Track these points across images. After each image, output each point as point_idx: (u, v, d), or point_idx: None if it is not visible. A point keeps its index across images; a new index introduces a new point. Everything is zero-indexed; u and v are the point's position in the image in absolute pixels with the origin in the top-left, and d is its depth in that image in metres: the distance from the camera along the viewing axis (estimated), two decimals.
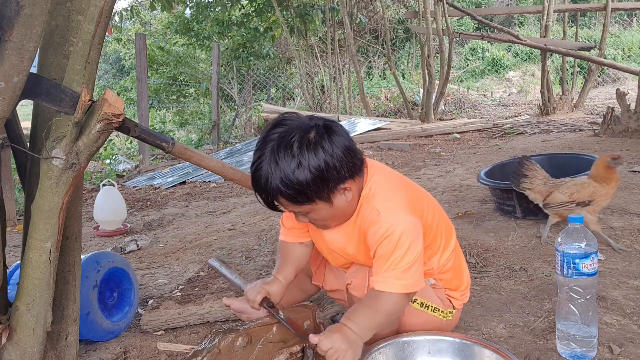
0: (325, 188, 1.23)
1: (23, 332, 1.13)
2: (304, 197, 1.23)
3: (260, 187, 1.25)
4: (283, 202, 1.27)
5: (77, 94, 1.07)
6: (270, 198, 1.26)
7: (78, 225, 1.36)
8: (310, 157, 1.20)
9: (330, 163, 1.21)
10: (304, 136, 1.21)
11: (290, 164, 1.19)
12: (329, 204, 1.27)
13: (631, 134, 4.66)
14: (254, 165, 1.25)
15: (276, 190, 1.22)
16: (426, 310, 1.42)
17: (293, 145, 1.20)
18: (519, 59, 14.06)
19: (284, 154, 1.20)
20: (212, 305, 1.78)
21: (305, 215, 1.31)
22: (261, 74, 11.23)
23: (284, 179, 1.20)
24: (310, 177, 1.20)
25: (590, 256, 1.34)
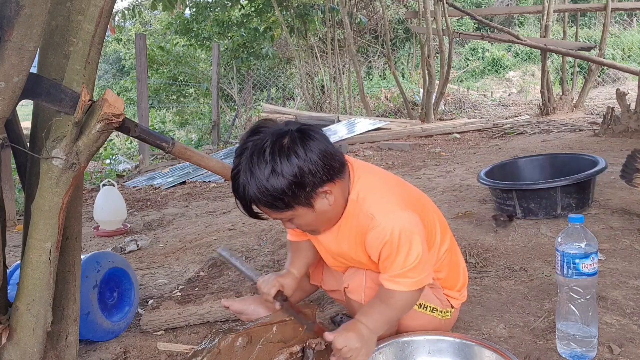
0: (303, 193, 1.22)
1: (23, 332, 1.13)
2: (282, 203, 1.22)
3: (239, 195, 1.25)
4: (263, 209, 1.26)
5: (77, 94, 1.07)
6: (250, 206, 1.26)
7: (78, 225, 1.36)
8: (284, 163, 1.19)
9: (304, 168, 1.19)
10: (277, 142, 1.20)
11: (264, 171, 1.19)
12: (310, 209, 1.25)
13: (631, 134, 4.66)
14: (232, 174, 1.25)
15: (253, 198, 1.22)
16: (425, 311, 1.42)
17: (265, 152, 1.19)
18: (519, 59, 14.06)
19: (258, 160, 1.19)
20: (212, 305, 1.78)
21: (290, 222, 1.30)
22: (261, 74, 11.23)
23: (259, 186, 1.19)
24: (285, 183, 1.19)
25: (590, 256, 1.34)
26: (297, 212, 1.25)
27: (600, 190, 2.89)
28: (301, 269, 1.52)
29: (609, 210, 2.60)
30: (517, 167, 3.06)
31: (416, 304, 1.39)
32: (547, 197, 2.53)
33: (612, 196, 2.80)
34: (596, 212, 2.57)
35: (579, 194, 2.55)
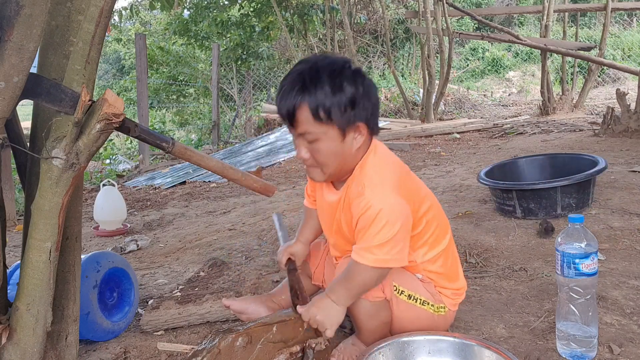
0: (349, 114, 1.28)
1: (23, 332, 1.13)
2: (327, 113, 1.26)
3: (290, 93, 1.28)
4: (303, 115, 1.27)
5: (77, 94, 1.07)
6: (295, 107, 1.27)
7: (78, 225, 1.36)
8: (348, 83, 1.28)
9: (362, 95, 1.30)
10: (345, 65, 1.31)
11: (328, 80, 1.26)
12: (340, 137, 1.30)
13: (631, 134, 4.66)
14: (287, 77, 1.30)
15: (306, 99, 1.25)
16: (415, 303, 1.41)
17: (334, 67, 1.29)
18: (519, 59, 14.07)
19: (323, 73, 1.27)
20: (212, 305, 1.78)
21: (311, 145, 1.31)
22: (261, 74, 11.23)
23: (318, 90, 1.25)
24: (343, 97, 1.26)
25: (590, 256, 1.34)
26: (330, 133, 1.29)
27: (600, 190, 2.89)
28: (308, 237, 1.66)
29: (609, 210, 2.60)
30: (517, 167, 3.07)
31: (405, 295, 1.40)
32: (547, 197, 2.53)
33: (612, 196, 2.80)
34: (596, 212, 2.57)
35: (579, 194, 2.55)
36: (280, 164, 5.77)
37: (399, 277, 1.41)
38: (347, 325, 1.65)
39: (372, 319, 1.39)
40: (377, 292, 1.36)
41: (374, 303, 1.37)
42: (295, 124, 1.30)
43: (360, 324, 1.41)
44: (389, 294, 1.38)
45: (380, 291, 1.36)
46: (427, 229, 1.43)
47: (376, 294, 1.36)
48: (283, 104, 1.30)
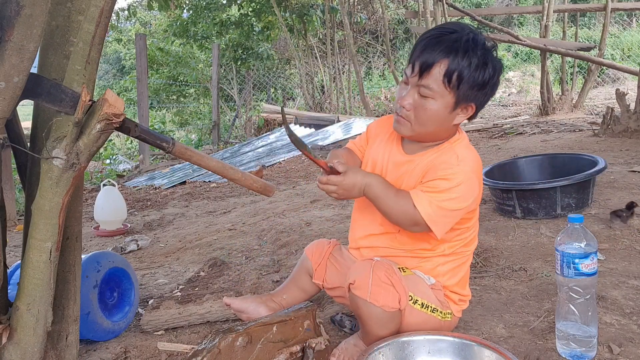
0: (474, 92, 1.33)
1: (23, 332, 1.13)
2: (460, 80, 1.30)
3: (437, 47, 1.30)
4: (437, 71, 1.30)
5: (78, 94, 1.07)
6: (435, 61, 1.30)
7: (78, 225, 1.36)
8: (493, 64, 1.35)
9: (494, 82, 1.36)
10: (494, 48, 1.37)
11: (479, 53, 1.31)
12: (451, 107, 1.34)
13: (631, 134, 4.66)
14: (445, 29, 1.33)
15: (450, 58, 1.28)
16: (426, 310, 1.42)
17: (485, 45, 1.34)
18: (518, 59, 14.07)
19: (479, 43, 1.32)
20: (213, 305, 1.79)
21: (421, 97, 1.33)
22: (261, 74, 11.24)
23: (464, 56, 1.29)
24: (485, 77, 1.32)
25: (590, 256, 1.34)
26: (445, 99, 1.32)
27: (600, 190, 2.89)
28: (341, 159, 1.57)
29: (609, 210, 2.60)
30: (517, 167, 3.07)
31: (419, 304, 1.40)
32: (546, 197, 2.54)
33: (611, 196, 2.80)
34: (596, 212, 2.58)
35: (578, 194, 2.55)
36: (280, 164, 5.77)
37: (415, 287, 1.41)
38: (347, 325, 1.65)
39: (382, 328, 1.37)
40: (394, 302, 1.34)
41: (388, 313, 1.35)
42: (425, 74, 1.31)
43: (369, 329, 1.39)
44: (404, 304, 1.37)
45: (396, 302, 1.34)
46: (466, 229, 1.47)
47: (393, 305, 1.34)
48: (426, 51, 1.31)
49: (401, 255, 1.47)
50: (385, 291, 1.33)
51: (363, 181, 1.35)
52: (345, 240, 1.68)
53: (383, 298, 1.33)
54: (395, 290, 1.33)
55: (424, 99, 1.33)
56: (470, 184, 1.35)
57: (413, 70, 1.34)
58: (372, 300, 1.33)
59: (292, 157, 6.02)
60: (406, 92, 1.36)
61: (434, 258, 1.47)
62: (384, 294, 1.33)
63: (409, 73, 1.35)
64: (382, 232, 1.50)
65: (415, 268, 1.47)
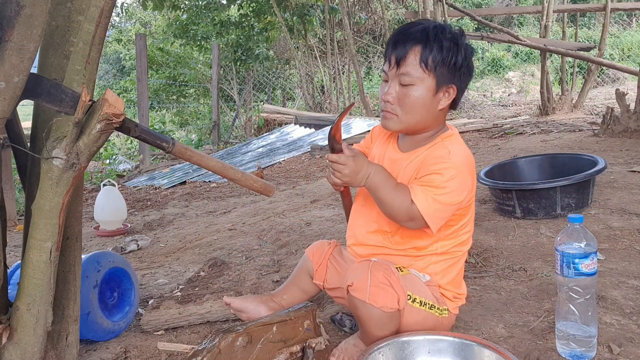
0: (451, 71, 1.36)
1: (23, 332, 1.13)
2: (436, 61, 1.33)
3: (409, 32, 1.35)
4: (413, 56, 1.34)
5: (78, 94, 1.07)
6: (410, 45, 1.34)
7: (78, 225, 1.36)
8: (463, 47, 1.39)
9: (468, 65, 1.39)
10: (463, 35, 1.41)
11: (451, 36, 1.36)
12: (434, 90, 1.36)
13: (631, 134, 4.66)
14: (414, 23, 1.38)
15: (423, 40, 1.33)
16: (424, 308, 1.42)
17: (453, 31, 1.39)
18: (518, 59, 14.07)
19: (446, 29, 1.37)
20: (213, 305, 1.79)
21: (403, 87, 1.36)
22: (261, 74, 11.24)
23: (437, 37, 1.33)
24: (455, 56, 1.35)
25: (590, 256, 1.34)
26: (426, 82, 1.35)
27: (599, 190, 2.89)
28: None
29: (609, 210, 2.60)
30: (517, 167, 3.07)
31: (417, 302, 1.40)
32: (546, 197, 2.54)
33: (611, 196, 2.80)
34: (596, 212, 2.58)
35: (578, 194, 2.55)
36: (280, 164, 5.77)
37: (413, 285, 1.41)
38: (347, 325, 1.65)
39: (381, 329, 1.37)
40: (393, 302, 1.33)
41: (387, 313, 1.34)
42: (402, 62, 1.35)
43: (368, 330, 1.39)
44: (403, 303, 1.36)
45: (395, 302, 1.34)
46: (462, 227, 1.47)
47: (392, 305, 1.33)
48: (399, 41, 1.36)
49: (393, 254, 1.48)
50: (383, 292, 1.33)
51: (368, 169, 1.36)
52: (345, 241, 1.69)
53: (382, 299, 1.33)
54: (394, 291, 1.33)
55: (406, 88, 1.36)
56: (463, 178, 1.36)
57: (390, 64, 1.38)
58: (371, 302, 1.32)
59: (292, 157, 6.02)
60: (388, 85, 1.39)
61: (426, 257, 1.47)
62: (383, 295, 1.33)
63: (386, 68, 1.39)
64: (375, 230, 1.51)
65: (409, 267, 1.47)
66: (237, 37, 10.50)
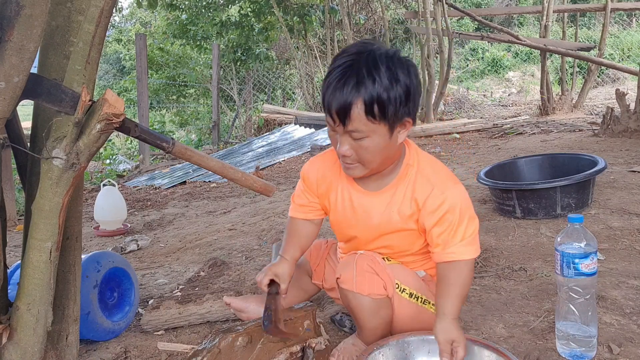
0: (401, 110, 1.24)
1: (23, 332, 1.13)
2: (382, 111, 1.21)
3: (343, 91, 1.21)
4: (356, 113, 1.21)
5: (78, 94, 1.07)
6: (349, 105, 1.20)
7: (78, 225, 1.36)
8: (404, 75, 1.23)
9: (416, 88, 1.26)
10: (395, 54, 1.25)
11: (385, 73, 1.20)
12: (389, 134, 1.26)
13: (631, 134, 4.66)
14: (336, 72, 1.22)
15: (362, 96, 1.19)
16: (416, 301, 1.42)
17: (391, 59, 1.23)
18: (518, 59, 14.07)
19: (378, 64, 1.21)
20: (213, 305, 1.79)
21: (357, 142, 1.25)
22: (261, 74, 11.24)
23: (376, 85, 1.19)
24: (399, 92, 1.22)
25: (590, 256, 1.34)
26: (379, 130, 1.24)
27: (599, 190, 2.89)
28: (294, 255, 1.52)
29: (609, 210, 2.60)
30: (517, 167, 3.07)
31: (407, 294, 1.41)
32: (546, 197, 2.54)
33: (611, 196, 2.80)
34: (596, 212, 2.58)
35: (578, 194, 2.55)
36: (280, 164, 5.77)
37: (401, 275, 1.40)
38: (347, 325, 1.65)
39: (373, 317, 1.38)
40: (379, 289, 1.35)
41: (376, 300, 1.36)
42: (347, 121, 1.23)
43: (361, 321, 1.41)
44: (391, 291, 1.37)
45: (382, 288, 1.35)
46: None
47: (378, 291, 1.35)
48: (335, 99, 1.22)
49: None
50: (369, 279, 1.34)
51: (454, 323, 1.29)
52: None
53: (368, 286, 1.34)
54: (379, 278, 1.35)
55: (360, 141, 1.25)
56: (462, 196, 1.34)
57: (334, 121, 1.25)
58: (358, 290, 1.34)
59: (292, 157, 6.02)
60: (339, 141, 1.28)
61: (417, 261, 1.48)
62: (369, 282, 1.34)
63: (331, 123, 1.26)
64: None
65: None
66: (237, 37, 10.49)
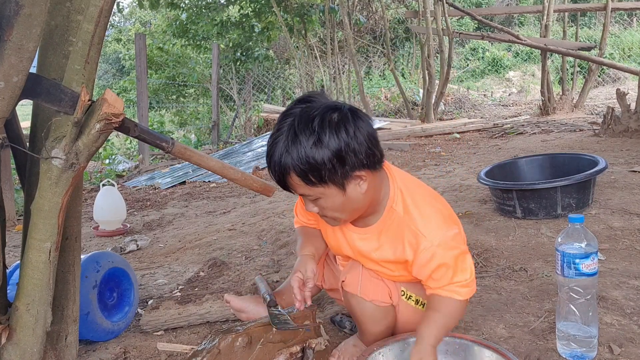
0: (340, 171, 1.17)
1: (23, 332, 1.13)
2: (317, 176, 1.16)
3: (274, 161, 1.18)
4: (294, 181, 1.19)
5: (77, 94, 1.07)
6: (283, 174, 1.19)
7: (78, 225, 1.36)
8: (331, 136, 1.15)
9: (350, 145, 1.16)
10: (327, 114, 1.16)
11: (308, 139, 1.14)
12: (341, 191, 1.20)
13: (631, 134, 4.66)
14: (271, 138, 1.20)
15: (290, 165, 1.16)
16: (422, 308, 1.42)
17: (314, 121, 1.15)
18: (519, 59, 14.07)
19: (304, 128, 1.15)
20: (212, 305, 1.78)
21: (314, 203, 1.24)
22: (260, 74, 11.23)
23: (300, 154, 1.15)
24: (327, 155, 1.14)
25: (591, 256, 1.33)
26: (328, 191, 1.19)
27: (600, 190, 2.89)
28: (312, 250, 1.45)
29: (609, 210, 2.59)
30: (517, 167, 3.07)
31: (413, 300, 1.40)
32: (547, 197, 2.53)
33: (612, 196, 2.80)
34: (596, 212, 2.57)
35: (579, 194, 2.55)
36: None
37: (408, 283, 1.40)
38: (347, 326, 1.65)
39: (376, 324, 1.38)
40: (384, 296, 1.34)
41: (379, 308, 1.35)
42: (292, 190, 1.22)
43: (363, 326, 1.40)
44: (396, 299, 1.37)
45: (387, 295, 1.35)
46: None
47: (383, 299, 1.34)
48: (271, 169, 1.21)
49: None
50: (374, 286, 1.34)
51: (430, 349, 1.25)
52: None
53: (372, 292, 1.33)
54: (384, 285, 1.34)
55: (318, 201, 1.23)
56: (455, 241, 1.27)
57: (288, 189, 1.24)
58: (362, 295, 1.34)
59: None
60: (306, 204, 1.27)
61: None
62: (374, 289, 1.34)
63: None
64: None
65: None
66: (237, 37, 10.49)
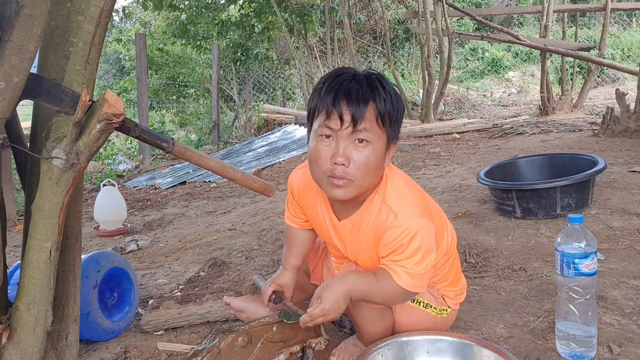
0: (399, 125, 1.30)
1: (23, 332, 1.13)
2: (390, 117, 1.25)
3: (361, 90, 1.22)
4: (371, 114, 1.22)
5: (77, 94, 1.07)
6: (367, 101, 1.21)
7: (78, 225, 1.36)
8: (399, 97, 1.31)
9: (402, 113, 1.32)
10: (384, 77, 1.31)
11: (390, 89, 1.27)
12: (385, 148, 1.27)
13: (631, 134, 4.66)
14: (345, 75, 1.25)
15: (379, 96, 1.23)
16: (418, 306, 1.42)
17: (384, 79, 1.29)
18: (518, 59, 14.07)
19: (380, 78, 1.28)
20: (212, 305, 1.79)
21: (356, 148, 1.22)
22: (260, 74, 11.23)
23: (388, 93, 1.25)
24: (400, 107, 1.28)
25: (590, 256, 1.34)
26: (382, 140, 1.25)
27: (599, 190, 2.89)
28: (295, 262, 1.55)
29: (609, 210, 2.60)
30: (517, 167, 3.07)
31: (410, 300, 1.40)
32: (546, 197, 2.54)
33: (611, 196, 2.80)
34: (596, 212, 2.58)
35: (578, 194, 2.55)
36: (280, 164, 5.77)
37: None
38: (347, 325, 1.65)
39: (374, 325, 1.38)
40: None
41: (377, 310, 1.36)
42: (360, 121, 1.20)
43: (361, 328, 1.41)
44: None
45: None
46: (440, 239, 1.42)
47: None
48: (349, 98, 1.20)
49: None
50: None
51: (342, 290, 1.24)
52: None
53: None
54: None
55: (362, 148, 1.22)
56: (424, 231, 1.26)
57: (343, 123, 1.21)
58: None
59: (292, 157, 6.02)
60: (337, 146, 1.22)
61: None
62: None
63: (335, 127, 1.21)
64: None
65: None
66: (238, 37, 10.49)
